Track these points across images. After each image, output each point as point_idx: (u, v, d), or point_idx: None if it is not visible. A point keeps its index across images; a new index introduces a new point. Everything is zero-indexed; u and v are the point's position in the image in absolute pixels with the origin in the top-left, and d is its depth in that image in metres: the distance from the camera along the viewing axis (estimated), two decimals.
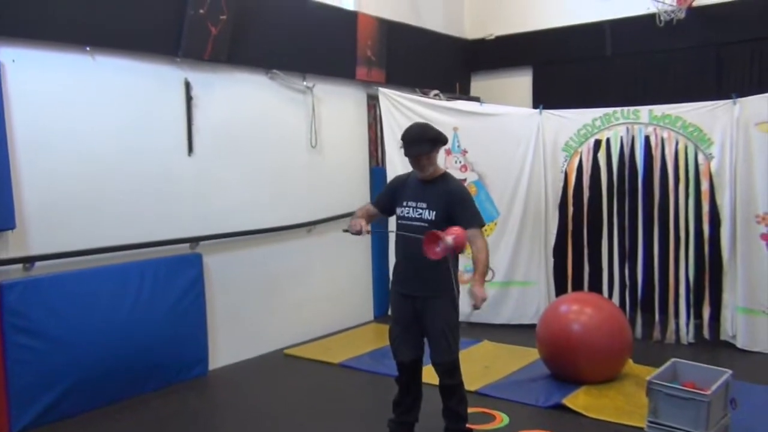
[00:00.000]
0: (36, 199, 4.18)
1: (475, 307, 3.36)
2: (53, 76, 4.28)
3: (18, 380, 4.02)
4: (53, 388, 4.17)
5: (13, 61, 4.07)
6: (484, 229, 3.64)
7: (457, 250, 3.28)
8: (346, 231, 3.76)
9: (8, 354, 3.99)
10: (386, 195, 3.82)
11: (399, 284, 3.68)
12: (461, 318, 3.65)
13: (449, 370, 3.54)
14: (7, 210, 3.97)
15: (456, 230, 3.26)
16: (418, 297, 3.53)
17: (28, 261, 4.14)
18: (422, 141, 3.49)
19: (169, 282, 4.77)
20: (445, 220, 3.47)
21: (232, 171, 5.37)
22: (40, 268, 4.20)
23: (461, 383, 3.60)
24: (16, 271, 4.11)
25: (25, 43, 4.12)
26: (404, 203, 3.61)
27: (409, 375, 3.65)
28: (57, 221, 4.28)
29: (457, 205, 3.50)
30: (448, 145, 6.41)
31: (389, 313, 4.04)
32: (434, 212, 3.50)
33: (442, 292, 3.50)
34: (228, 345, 5.31)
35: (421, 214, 3.52)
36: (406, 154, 3.55)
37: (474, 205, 3.61)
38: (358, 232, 3.64)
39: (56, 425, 4.13)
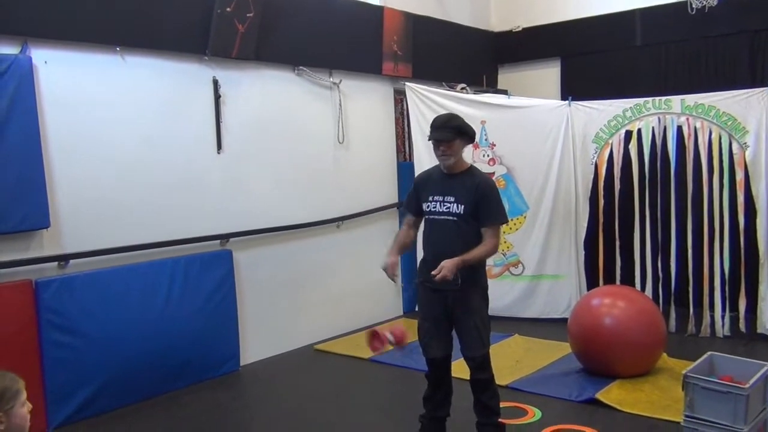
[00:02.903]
0: (69, 198, 4.25)
1: (433, 274, 3.27)
2: (84, 77, 4.34)
3: (54, 377, 4.10)
4: (88, 384, 4.24)
5: (45, 62, 4.13)
6: (513, 222, 3.60)
7: (398, 344, 3.39)
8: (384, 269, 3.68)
9: (45, 351, 4.06)
10: (412, 196, 3.73)
11: (426, 277, 3.57)
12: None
13: (481, 364, 3.51)
14: (41, 209, 4.04)
15: (397, 327, 3.44)
16: (449, 291, 3.46)
17: (63, 259, 4.21)
18: (445, 128, 3.46)
19: (200, 279, 4.81)
20: (473, 214, 3.44)
21: (261, 168, 5.40)
22: (75, 266, 4.27)
23: (492, 377, 3.57)
24: (51, 269, 4.19)
25: (56, 44, 4.18)
26: (430, 198, 3.54)
27: (440, 371, 3.61)
28: (90, 220, 4.35)
29: (482, 199, 3.45)
30: (476, 138, 6.37)
31: (416, 309, 4.00)
32: (463, 206, 3.45)
33: (473, 284, 3.48)
34: (259, 341, 5.35)
35: (449, 208, 3.46)
36: (429, 138, 3.53)
37: (500, 201, 3.56)
38: (391, 278, 3.61)
39: (91, 421, 4.20)
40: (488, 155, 6.37)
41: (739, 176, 5.43)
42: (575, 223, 6.17)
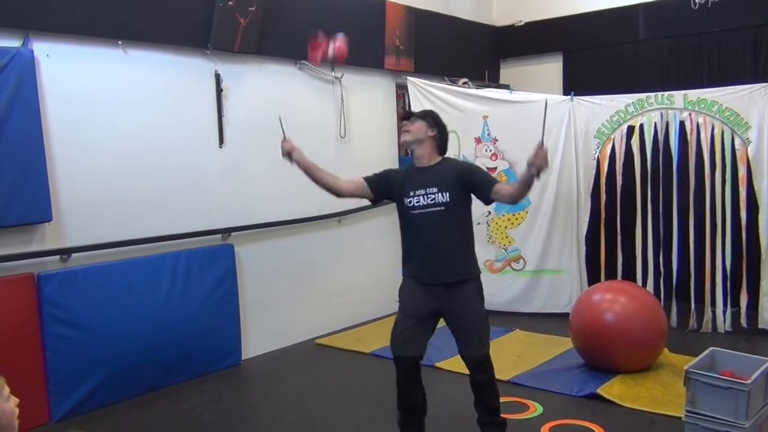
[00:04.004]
0: (71, 191, 4.25)
1: (538, 164, 3.26)
2: (86, 71, 4.33)
3: (57, 370, 4.11)
4: (90, 377, 4.25)
5: (48, 55, 4.13)
6: (515, 217, 3.60)
7: (339, 59, 3.37)
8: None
9: (47, 344, 4.07)
10: (380, 177, 3.62)
11: (417, 272, 3.46)
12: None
13: (481, 364, 3.39)
14: (43, 203, 4.04)
15: (339, 41, 3.28)
16: (440, 284, 3.35)
17: (65, 252, 4.22)
18: (415, 114, 3.56)
19: (202, 273, 4.82)
20: (460, 199, 3.39)
21: (263, 162, 5.39)
22: (77, 260, 4.27)
23: (493, 376, 3.46)
24: (53, 263, 4.19)
25: (58, 37, 4.17)
26: (411, 193, 3.42)
27: (411, 374, 3.41)
28: (92, 213, 4.35)
29: (473, 176, 3.43)
30: (478, 133, 6.38)
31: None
32: (448, 193, 3.36)
33: (467, 277, 3.38)
34: (260, 335, 5.35)
35: (435, 199, 3.37)
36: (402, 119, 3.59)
37: (486, 171, 3.63)
38: (288, 152, 3.63)
39: (93, 414, 4.21)
40: (491, 150, 6.36)
41: (742, 172, 5.42)
42: (577, 218, 6.17)
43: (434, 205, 3.38)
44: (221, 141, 5.09)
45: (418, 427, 3.50)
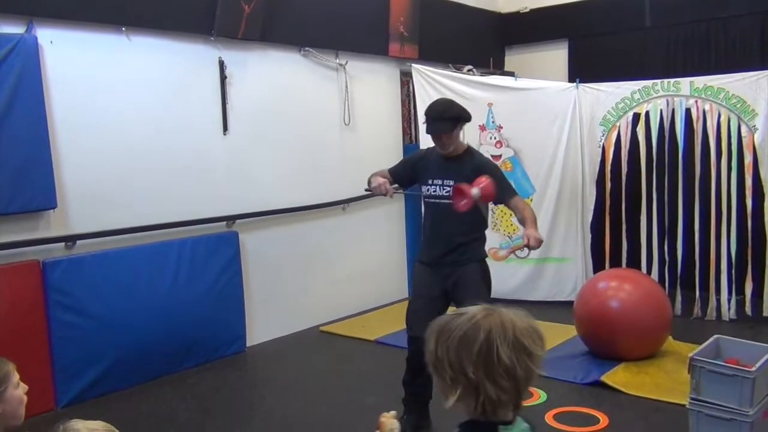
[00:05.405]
0: (76, 178, 4.25)
1: (529, 246, 3.30)
2: (90, 57, 4.32)
3: (63, 356, 4.13)
4: (96, 364, 4.26)
5: (51, 42, 4.12)
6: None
7: (484, 199, 3.25)
8: (368, 191, 3.63)
9: (53, 331, 4.09)
10: (403, 167, 3.72)
11: (425, 256, 3.62)
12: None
13: None
14: (48, 190, 4.04)
15: (483, 180, 3.23)
16: (448, 263, 3.47)
17: (70, 240, 4.23)
18: (444, 119, 3.46)
19: (206, 260, 4.83)
20: None
21: (267, 149, 5.39)
22: (81, 247, 4.28)
23: None
24: (58, 250, 4.20)
25: (62, 24, 4.16)
26: (429, 181, 3.54)
27: (422, 354, 3.53)
28: (96, 201, 4.35)
29: (493, 180, 3.43)
30: (483, 121, 6.35)
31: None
32: None
33: (472, 259, 3.48)
34: (265, 322, 5.37)
35: (450, 192, 3.44)
36: (428, 132, 3.52)
37: (506, 177, 3.64)
38: (384, 194, 3.50)
39: (99, 400, 4.23)
40: (495, 138, 6.34)
41: (748, 159, 5.39)
42: (582, 205, 6.15)
43: (449, 197, 3.44)
44: (225, 128, 5.08)
45: (423, 408, 3.60)
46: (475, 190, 3.20)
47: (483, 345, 1.29)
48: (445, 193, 3.46)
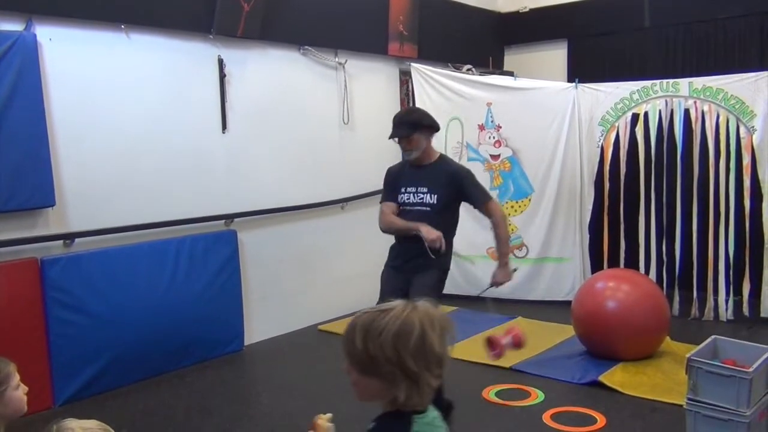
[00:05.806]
0: (74, 176, 4.25)
1: (495, 284, 3.38)
2: (89, 55, 4.32)
3: (61, 354, 4.12)
4: (94, 361, 4.26)
5: (50, 39, 4.11)
6: (518, 205, 3.64)
7: (517, 347, 3.25)
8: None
9: (51, 328, 4.09)
10: (391, 191, 3.75)
11: (392, 261, 3.72)
12: (486, 294, 3.70)
13: None
14: (47, 188, 4.04)
15: (513, 329, 3.23)
16: (410, 269, 3.55)
17: (68, 237, 4.22)
18: (402, 124, 3.60)
19: (205, 258, 4.82)
20: (447, 202, 3.53)
21: (266, 148, 5.38)
22: (80, 245, 4.28)
23: None
24: (56, 248, 4.20)
25: (61, 21, 4.15)
26: (403, 189, 3.63)
27: None
28: (95, 199, 4.35)
29: (467, 185, 3.57)
30: (482, 120, 6.35)
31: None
32: (436, 195, 3.53)
33: (434, 266, 3.52)
34: (263, 321, 5.37)
35: (423, 199, 3.55)
36: (390, 136, 3.66)
37: (479, 183, 3.70)
38: (439, 248, 3.44)
39: (97, 398, 4.23)
40: (494, 137, 6.34)
41: (746, 160, 5.40)
42: (580, 205, 6.16)
43: (421, 205, 3.55)
44: (224, 126, 5.08)
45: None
46: (506, 340, 3.23)
47: (418, 338, 1.36)
48: (418, 200, 3.56)
